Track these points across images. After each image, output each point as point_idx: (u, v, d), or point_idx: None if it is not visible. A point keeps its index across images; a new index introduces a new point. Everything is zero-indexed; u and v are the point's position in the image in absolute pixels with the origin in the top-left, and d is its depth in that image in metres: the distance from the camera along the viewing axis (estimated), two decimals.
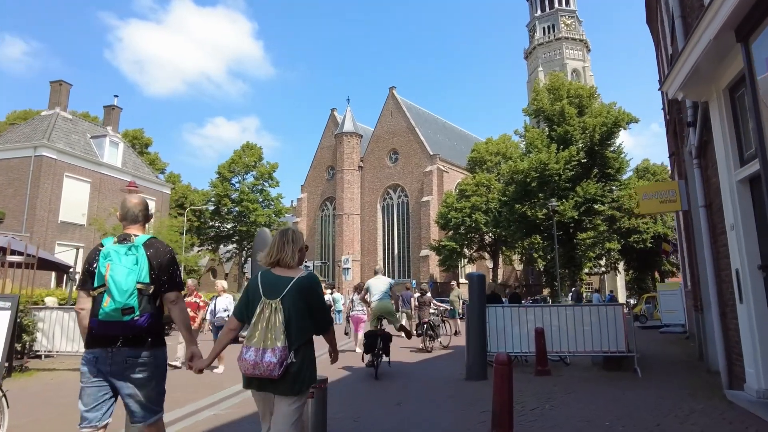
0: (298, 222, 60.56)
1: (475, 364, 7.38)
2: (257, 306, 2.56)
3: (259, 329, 2.50)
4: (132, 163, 28.27)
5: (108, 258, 2.61)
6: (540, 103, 30.30)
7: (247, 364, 2.47)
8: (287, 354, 2.47)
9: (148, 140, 40.37)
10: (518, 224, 30.37)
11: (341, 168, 55.12)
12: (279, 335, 2.47)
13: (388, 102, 56.64)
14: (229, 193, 39.67)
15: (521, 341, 7.93)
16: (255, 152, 41.28)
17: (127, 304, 2.54)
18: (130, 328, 2.58)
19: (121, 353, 2.59)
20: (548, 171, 26.63)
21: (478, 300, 7.52)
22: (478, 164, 41.95)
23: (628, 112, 27.51)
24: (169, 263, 2.78)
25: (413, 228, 51.69)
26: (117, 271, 2.56)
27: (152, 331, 2.66)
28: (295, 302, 2.57)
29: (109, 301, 2.54)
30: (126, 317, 2.55)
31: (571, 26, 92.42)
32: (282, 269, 2.70)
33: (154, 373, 2.67)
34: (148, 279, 2.65)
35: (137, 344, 2.61)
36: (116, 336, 2.58)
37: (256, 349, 2.47)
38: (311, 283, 2.67)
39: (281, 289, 2.58)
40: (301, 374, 2.54)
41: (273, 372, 2.43)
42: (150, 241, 2.77)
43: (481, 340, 7.45)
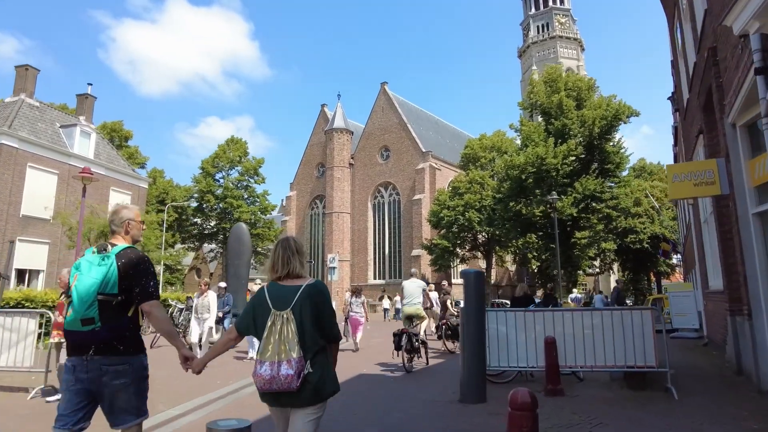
0: (286, 221, 59.02)
1: (471, 382, 5.97)
2: (267, 319, 2.48)
3: (272, 342, 2.43)
4: (106, 155, 26.63)
5: (78, 269, 2.69)
6: (537, 96, 29.05)
7: (263, 380, 2.39)
8: (304, 364, 2.41)
9: (128, 133, 38.61)
10: (513, 222, 29.08)
11: (331, 165, 53.62)
12: (293, 346, 2.41)
13: (380, 98, 55.21)
14: (212, 189, 38.02)
15: (527, 353, 6.53)
16: (240, 146, 39.67)
17: (87, 315, 2.59)
18: (93, 339, 2.60)
19: (95, 361, 2.62)
20: (545, 166, 25.35)
21: (475, 302, 6.11)
22: (472, 161, 40.65)
23: (628, 105, 26.33)
24: (141, 273, 2.73)
25: (405, 227, 50.29)
26: (81, 282, 2.63)
27: (122, 339, 2.67)
28: (306, 310, 2.50)
29: (70, 311, 2.63)
30: (86, 327, 2.60)
31: (565, 25, 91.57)
32: (290, 280, 2.62)
33: (131, 380, 2.69)
34: (116, 290, 2.65)
35: (109, 353, 2.63)
36: (85, 344, 2.62)
37: (271, 363, 2.39)
38: (320, 289, 2.61)
39: (290, 298, 2.52)
40: (322, 384, 2.46)
41: (291, 384, 2.36)
42: (124, 252, 2.74)
43: (478, 353, 6.04)
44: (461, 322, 6.28)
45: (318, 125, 60.07)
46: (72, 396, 2.64)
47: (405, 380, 7.91)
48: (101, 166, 25.43)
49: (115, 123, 37.72)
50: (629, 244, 44.49)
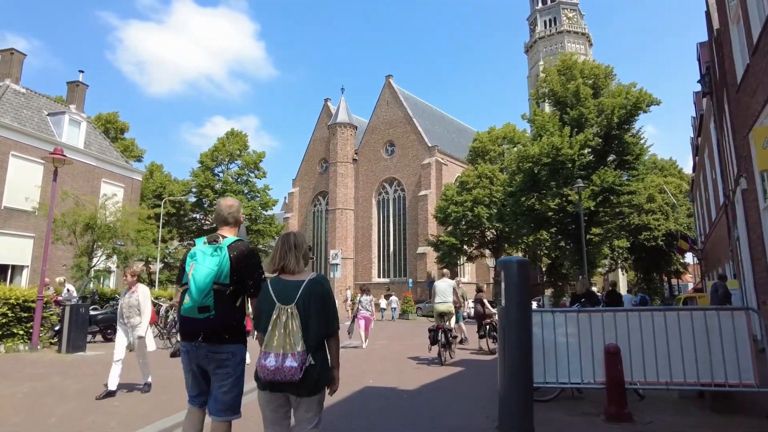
0: (288, 217, 57.72)
1: (514, 406, 4.54)
2: (272, 312, 2.54)
3: (276, 335, 2.50)
4: (97, 146, 25.30)
5: (193, 258, 2.82)
6: (550, 85, 27.49)
7: (267, 370, 2.45)
8: (306, 357, 2.49)
9: (124, 125, 37.24)
10: (525, 218, 27.57)
11: (335, 161, 52.27)
12: (298, 340, 2.48)
13: (385, 91, 53.78)
14: (211, 184, 36.67)
15: (582, 366, 5.11)
16: (240, 140, 38.30)
17: (203, 303, 2.71)
18: (206, 326, 2.74)
19: (203, 348, 2.77)
20: (561, 156, 23.83)
21: (518, 301, 4.68)
22: (480, 155, 39.15)
23: (649, 93, 24.75)
24: (254, 266, 2.86)
25: (410, 224, 48.87)
26: (198, 271, 2.75)
27: (230, 328, 2.80)
28: (309, 305, 2.57)
29: (188, 299, 2.74)
30: (201, 315, 2.72)
31: (573, 19, 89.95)
32: (289, 274, 2.68)
33: (233, 370, 2.79)
34: (228, 280, 2.77)
35: (216, 341, 2.75)
36: (197, 331, 2.76)
37: (276, 355, 2.45)
38: (322, 283, 2.66)
39: (293, 293, 2.58)
40: (321, 375, 2.58)
41: (295, 376, 2.43)
42: (235, 244, 2.88)
43: (523, 368, 4.61)
44: (499, 327, 4.86)
45: (321, 120, 58.73)
46: (191, 378, 2.86)
47: (421, 397, 6.50)
48: (92, 157, 24.11)
49: (110, 114, 36.38)
50: (643, 242, 42.94)
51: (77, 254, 18.50)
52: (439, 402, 6.07)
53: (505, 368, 4.68)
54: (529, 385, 4.64)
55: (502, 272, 4.81)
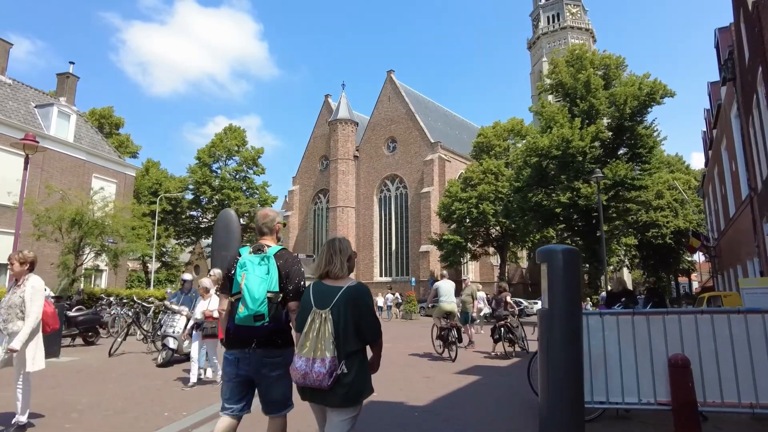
0: (289, 216, 56.74)
1: (561, 426, 3.53)
2: (308, 316, 2.56)
3: (309, 339, 2.50)
4: (88, 140, 24.32)
5: (244, 267, 2.86)
6: (559, 76, 26.45)
7: (297, 374, 2.48)
8: (337, 364, 2.45)
9: (119, 120, 36.20)
10: (533, 214, 26.54)
11: (335, 158, 51.26)
12: (329, 345, 2.45)
13: (386, 86, 52.72)
14: (209, 180, 35.67)
15: (639, 381, 4.10)
16: (238, 135, 37.28)
17: (259, 312, 2.77)
18: (261, 333, 2.81)
19: (256, 354, 2.83)
20: (571, 149, 22.81)
21: (565, 301, 3.67)
22: (485, 150, 38.11)
23: (663, 84, 23.68)
24: (297, 273, 2.96)
25: (412, 221, 47.82)
26: (251, 280, 2.80)
27: (281, 334, 2.89)
28: (345, 312, 2.55)
29: (242, 308, 2.78)
30: (257, 323, 2.79)
31: (576, 15, 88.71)
32: (332, 280, 2.70)
33: (284, 372, 2.82)
34: (278, 288, 2.87)
35: (269, 346, 2.84)
36: (250, 339, 2.82)
37: (306, 359, 2.46)
38: (360, 291, 2.65)
39: (331, 298, 2.58)
40: (355, 386, 2.50)
41: (323, 382, 2.41)
42: (280, 252, 2.98)
43: (572, 386, 3.60)
44: (540, 332, 3.86)
45: (321, 116, 57.72)
46: (234, 386, 2.90)
47: (436, 415, 5.49)
48: (82, 151, 23.15)
49: (105, 109, 35.35)
50: (650, 239, 41.84)
51: (63, 252, 17.53)
52: (459, 422, 5.06)
53: (549, 384, 3.66)
54: (579, 407, 3.64)
55: (543, 265, 3.81)
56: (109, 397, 6.05)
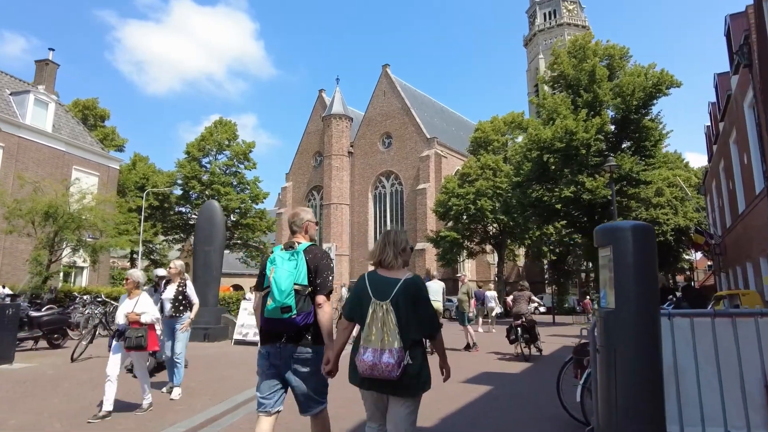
0: (282, 213, 55.57)
1: None
2: (368, 307, 2.60)
3: (374, 330, 2.53)
4: (68, 130, 23.12)
5: (273, 262, 2.94)
6: (561, 67, 25.49)
7: (365, 365, 2.50)
8: (404, 355, 2.48)
9: (104, 112, 34.89)
10: (534, 209, 25.57)
11: (329, 154, 50.13)
12: (395, 336, 2.49)
13: (381, 81, 51.65)
14: (198, 175, 34.46)
15: (726, 406, 3.10)
16: (229, 129, 36.09)
17: (285, 304, 2.80)
18: (289, 326, 2.84)
19: (287, 349, 2.89)
20: (575, 141, 21.86)
21: (638, 296, 2.66)
22: (482, 145, 37.13)
23: (670, 74, 22.78)
24: (325, 268, 3.01)
25: (408, 219, 46.82)
26: (278, 274, 2.87)
27: (311, 328, 2.91)
28: (405, 304, 2.59)
29: (270, 300, 2.84)
30: (285, 315, 2.82)
31: (573, 12, 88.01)
32: (386, 270, 2.75)
33: (316, 368, 2.90)
34: (306, 281, 2.90)
35: (299, 341, 2.90)
36: (280, 333, 2.89)
37: (374, 350, 2.49)
38: (417, 284, 2.67)
39: (389, 290, 2.62)
40: (421, 376, 2.57)
41: (392, 373, 2.45)
42: (310, 248, 3.05)
43: (651, 408, 2.58)
44: (598, 338, 2.85)
45: (315, 112, 56.56)
46: (268, 382, 2.96)
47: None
48: (61, 141, 21.97)
49: (89, 100, 34.03)
50: None
51: (37, 247, 16.37)
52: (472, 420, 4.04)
53: (615, 409, 2.64)
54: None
55: (604, 250, 2.79)
56: (48, 416, 4.98)
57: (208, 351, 11.00)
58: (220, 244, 13.96)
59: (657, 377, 2.55)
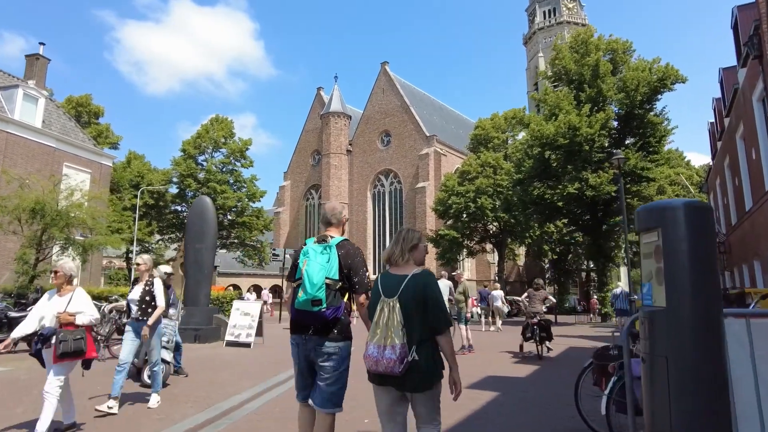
0: (280, 212, 55.05)
1: None
2: (377, 304, 2.63)
3: (380, 327, 2.56)
4: (59, 126, 22.57)
5: (306, 255, 2.99)
6: (563, 62, 24.99)
7: (370, 361, 2.55)
8: (407, 351, 2.48)
9: (98, 109, 34.32)
10: (536, 207, 25.08)
11: (327, 152, 49.61)
12: (398, 332, 2.49)
13: (380, 79, 51.11)
14: (194, 173, 33.91)
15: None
16: (225, 126, 35.54)
17: (316, 297, 2.83)
18: (318, 318, 2.87)
19: (312, 341, 2.94)
20: (579, 137, 21.37)
21: (699, 293, 2.13)
22: (483, 143, 36.62)
23: (675, 69, 22.29)
24: (360, 264, 3.09)
25: (407, 217, 46.30)
26: (311, 267, 2.90)
27: (338, 323, 2.96)
28: (411, 299, 2.58)
29: (302, 293, 2.87)
30: (315, 308, 2.84)
31: (572, 10, 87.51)
32: (395, 267, 2.79)
33: (338, 364, 2.95)
34: (337, 276, 2.94)
35: (325, 334, 2.94)
36: (308, 325, 2.93)
37: (377, 346, 2.52)
38: (425, 279, 2.66)
39: (397, 287, 2.63)
40: (428, 372, 2.54)
41: (394, 369, 2.45)
42: (342, 243, 3.12)
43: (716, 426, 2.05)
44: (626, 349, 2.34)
45: (313, 110, 56.03)
46: (301, 371, 3.05)
47: None
48: (51, 137, 21.42)
49: (83, 97, 33.45)
50: None
51: (24, 245, 15.83)
52: None
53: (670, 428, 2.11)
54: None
55: (650, 235, 2.28)
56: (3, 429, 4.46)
57: (198, 353, 10.48)
58: (212, 241, 13.43)
59: (722, 391, 2.04)
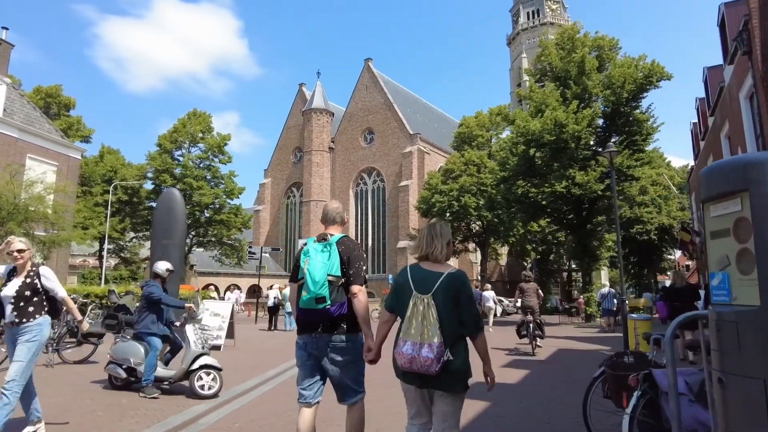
0: (260, 210, 53.93)
1: None
2: (409, 300, 2.55)
3: (414, 324, 2.49)
4: (23, 115, 21.32)
5: (307, 254, 3.02)
6: (549, 59, 24.61)
7: (404, 358, 2.47)
8: (444, 350, 2.43)
9: (69, 100, 32.81)
10: (520, 205, 24.65)
11: (309, 149, 48.74)
12: (435, 331, 2.44)
13: (363, 75, 50.40)
14: (169, 168, 32.69)
15: None
16: (203, 120, 34.37)
17: (319, 294, 2.85)
18: (324, 316, 2.88)
19: (323, 339, 2.94)
20: (565, 134, 20.97)
21: None
22: (467, 141, 36.18)
23: (661, 66, 22.05)
24: (357, 258, 3.08)
25: (390, 216, 45.69)
26: (312, 265, 2.92)
27: (346, 318, 2.96)
28: (446, 298, 2.53)
29: (305, 292, 2.88)
30: (319, 306, 2.86)
31: (556, 11, 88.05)
32: (430, 263, 2.68)
33: (352, 357, 2.97)
34: (339, 272, 2.95)
35: (334, 330, 2.94)
36: (316, 323, 2.93)
37: (413, 343, 2.45)
38: (461, 280, 2.62)
39: (431, 284, 2.56)
40: (461, 372, 2.51)
41: (431, 368, 2.40)
42: (342, 239, 3.13)
43: None
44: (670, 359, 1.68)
45: (295, 106, 55.04)
46: (307, 371, 3.03)
47: None
48: (13, 127, 20.19)
49: (52, 87, 31.93)
50: (635, 236, 40.68)
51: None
52: None
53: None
54: None
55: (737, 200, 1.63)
56: None
57: None
58: (181, 237, 12.50)
59: None
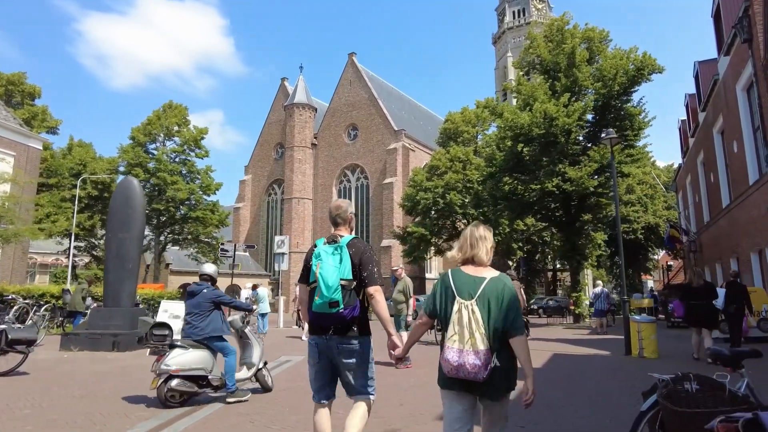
0: (240, 207, 52.43)
1: None
2: (452, 305, 2.49)
3: (459, 330, 2.43)
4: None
5: (318, 258, 2.98)
6: (538, 51, 23.82)
7: (450, 365, 2.39)
8: (491, 357, 2.39)
9: (34, 89, 30.96)
10: (507, 202, 23.79)
11: (291, 145, 47.43)
12: (481, 338, 2.38)
13: (347, 70, 49.25)
14: (143, 162, 31.17)
15: None
16: (179, 113, 32.87)
17: (333, 299, 2.84)
18: (337, 319, 2.88)
19: (333, 341, 2.92)
20: (555, 128, 20.15)
21: None
22: (452, 137, 35.31)
23: (653, 58, 21.38)
24: (369, 260, 3.03)
25: (374, 214, 44.63)
26: (325, 269, 2.90)
27: (357, 321, 2.97)
28: (490, 303, 2.47)
29: (318, 296, 2.88)
30: (333, 310, 2.86)
31: (542, 11, 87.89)
32: (473, 268, 2.60)
33: (362, 359, 2.98)
34: (351, 275, 2.93)
35: (345, 333, 2.93)
36: (328, 326, 2.93)
37: (459, 350, 2.39)
38: (505, 284, 2.54)
39: (475, 289, 2.49)
40: (508, 378, 2.47)
41: (478, 375, 2.35)
42: (352, 241, 3.07)
43: None
44: None
45: (277, 101, 53.63)
46: (318, 371, 3.02)
47: None
48: None
49: (15, 75, 30.09)
50: (622, 235, 40.37)
51: None
52: None
53: None
54: None
55: None
56: None
57: (105, 365, 8.44)
58: (139, 230, 11.34)
59: None
